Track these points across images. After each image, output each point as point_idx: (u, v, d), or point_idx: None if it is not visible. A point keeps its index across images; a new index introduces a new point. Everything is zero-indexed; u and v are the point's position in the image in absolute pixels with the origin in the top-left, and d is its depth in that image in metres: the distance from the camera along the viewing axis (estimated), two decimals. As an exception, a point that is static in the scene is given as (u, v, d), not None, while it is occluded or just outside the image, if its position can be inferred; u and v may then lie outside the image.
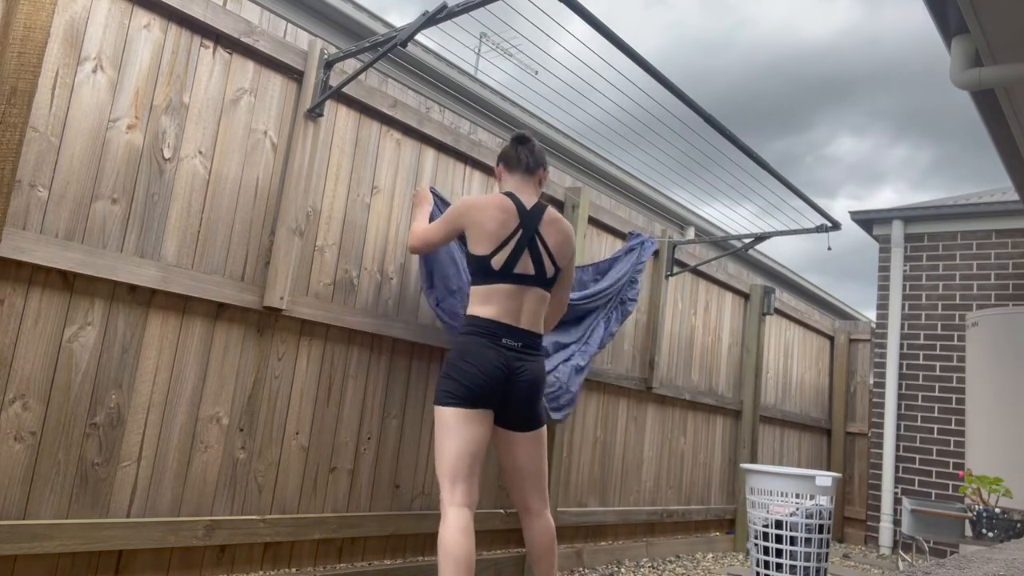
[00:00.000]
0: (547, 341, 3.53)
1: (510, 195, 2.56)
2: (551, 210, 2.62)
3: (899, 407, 6.45)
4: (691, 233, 11.33)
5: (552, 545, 2.59)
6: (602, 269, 3.98)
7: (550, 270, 2.59)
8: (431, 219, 2.99)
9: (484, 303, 2.48)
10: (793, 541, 3.44)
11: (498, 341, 2.44)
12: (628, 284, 4.02)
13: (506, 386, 2.45)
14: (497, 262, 2.47)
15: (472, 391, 2.39)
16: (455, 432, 2.37)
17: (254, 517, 2.65)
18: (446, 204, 3.13)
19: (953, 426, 6.17)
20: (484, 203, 2.51)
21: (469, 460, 2.37)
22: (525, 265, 2.51)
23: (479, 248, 2.49)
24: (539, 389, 2.54)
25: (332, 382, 2.95)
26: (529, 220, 2.53)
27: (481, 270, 2.49)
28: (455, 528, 2.27)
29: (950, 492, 6.07)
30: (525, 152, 2.62)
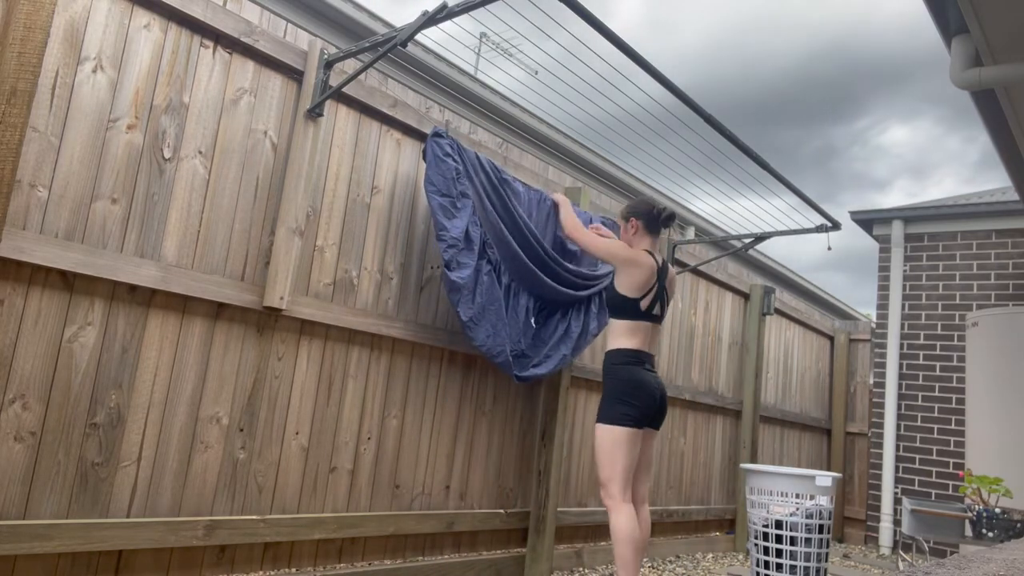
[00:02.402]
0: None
1: (651, 255, 3.17)
2: (671, 267, 3.30)
3: (899, 407, 6.45)
4: (691, 233, 11.33)
5: (647, 534, 3.16)
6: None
7: (666, 312, 3.36)
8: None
9: (630, 336, 3.09)
10: (793, 541, 3.44)
11: (643, 366, 3.08)
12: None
13: (660, 402, 3.11)
14: (644, 304, 3.10)
15: (644, 414, 3.02)
16: (629, 449, 2.98)
17: (254, 517, 2.65)
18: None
19: (953, 426, 6.17)
20: (642, 261, 3.11)
21: (632, 469, 3.02)
22: (658, 308, 3.17)
23: (631, 292, 3.09)
24: (667, 397, 3.26)
25: (332, 382, 2.95)
26: (662, 275, 3.19)
27: (630, 309, 3.10)
28: (628, 517, 2.91)
29: (950, 492, 6.07)
30: (666, 227, 3.27)
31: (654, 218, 3.21)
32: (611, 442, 2.97)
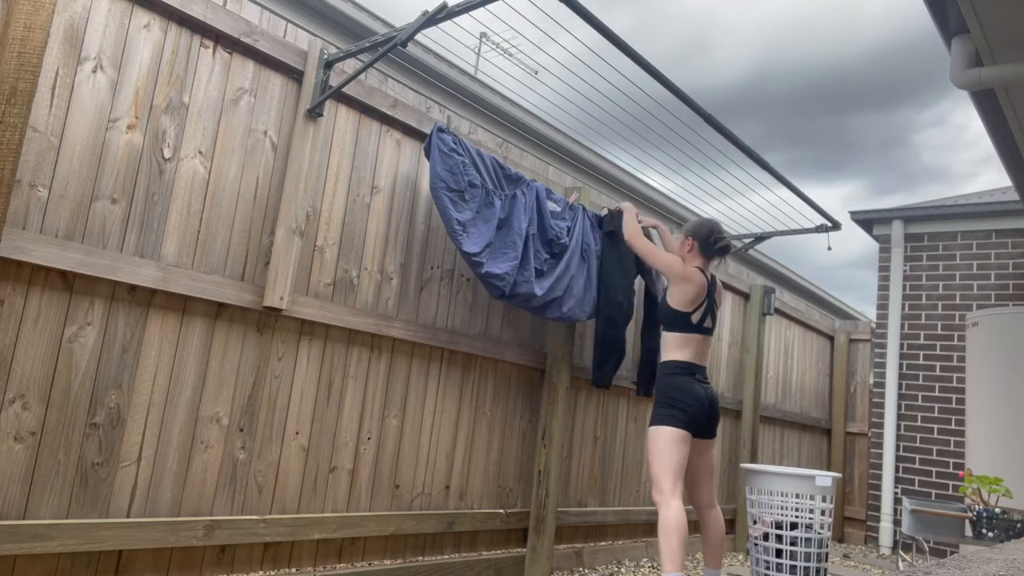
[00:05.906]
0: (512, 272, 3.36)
1: (702, 271, 3.31)
2: (718, 280, 3.44)
3: (899, 407, 6.45)
4: (691, 233, 11.29)
5: (721, 533, 3.33)
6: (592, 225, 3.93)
7: (716, 325, 3.57)
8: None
9: (682, 348, 3.26)
10: (793, 541, 3.44)
11: (694, 376, 3.24)
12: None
13: (709, 409, 3.25)
14: (695, 318, 3.27)
15: (693, 419, 3.16)
16: (679, 448, 3.11)
17: (254, 517, 2.65)
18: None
19: (953, 426, 6.17)
20: (694, 277, 3.27)
21: (683, 467, 3.15)
22: (709, 321, 3.33)
23: (683, 307, 3.26)
24: (719, 406, 3.35)
25: (332, 382, 2.95)
26: (711, 290, 3.34)
27: (682, 323, 3.26)
28: (677, 512, 3.01)
29: (950, 492, 6.07)
30: (719, 256, 3.38)
31: (709, 244, 3.37)
32: (661, 442, 3.13)
